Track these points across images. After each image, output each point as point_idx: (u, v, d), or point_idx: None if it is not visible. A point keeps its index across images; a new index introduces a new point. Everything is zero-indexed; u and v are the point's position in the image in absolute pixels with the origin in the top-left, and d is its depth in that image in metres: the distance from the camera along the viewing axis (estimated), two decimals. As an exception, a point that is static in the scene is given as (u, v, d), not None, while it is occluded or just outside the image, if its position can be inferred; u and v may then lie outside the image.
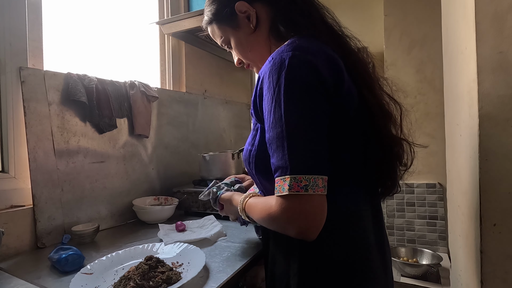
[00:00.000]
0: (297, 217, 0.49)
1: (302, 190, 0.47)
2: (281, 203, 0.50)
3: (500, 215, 0.80)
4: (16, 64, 0.90)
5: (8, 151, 0.91)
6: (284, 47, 0.54)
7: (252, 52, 0.69)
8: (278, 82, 0.50)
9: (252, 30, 0.66)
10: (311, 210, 0.49)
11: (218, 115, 1.79)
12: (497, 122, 0.80)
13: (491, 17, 0.79)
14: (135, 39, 1.42)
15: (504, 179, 0.79)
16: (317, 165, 0.49)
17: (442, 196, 2.03)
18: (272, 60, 0.53)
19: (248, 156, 0.63)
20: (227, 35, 0.71)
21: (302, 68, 0.51)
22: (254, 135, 0.62)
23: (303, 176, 0.48)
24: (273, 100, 0.51)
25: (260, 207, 0.57)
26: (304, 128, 0.50)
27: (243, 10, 0.65)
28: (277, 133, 0.50)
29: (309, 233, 0.49)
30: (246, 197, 0.65)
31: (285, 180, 0.48)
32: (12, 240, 0.84)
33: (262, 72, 0.55)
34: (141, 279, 0.60)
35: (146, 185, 1.26)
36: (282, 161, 0.49)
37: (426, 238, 2.05)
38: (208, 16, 0.71)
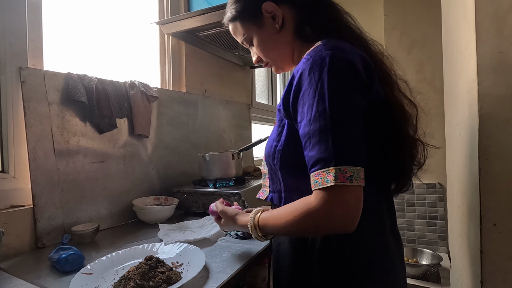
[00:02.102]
0: (343, 208, 0.49)
1: (347, 181, 0.48)
2: (324, 196, 0.50)
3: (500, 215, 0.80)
4: (16, 64, 0.90)
5: (8, 151, 0.91)
6: (320, 47, 0.56)
7: (274, 51, 0.71)
8: (320, 78, 0.52)
9: (277, 30, 0.68)
10: (355, 201, 0.50)
11: (218, 115, 1.79)
12: (497, 122, 0.80)
13: (491, 17, 0.79)
14: (135, 39, 1.42)
15: (504, 179, 0.79)
16: (360, 157, 0.51)
17: (442, 196, 2.03)
18: (311, 58, 0.55)
19: (272, 151, 0.64)
20: (250, 33, 0.71)
21: (343, 65, 0.53)
22: (280, 131, 0.63)
23: (348, 167, 0.49)
24: (315, 95, 0.52)
25: (289, 210, 0.55)
26: (348, 121, 0.51)
27: (269, 10, 0.67)
28: (320, 126, 0.51)
29: (351, 225, 0.50)
30: (257, 212, 0.63)
31: (329, 172, 0.49)
32: (12, 240, 0.84)
33: (300, 70, 0.56)
34: (141, 279, 0.60)
35: (146, 185, 1.26)
36: (326, 153, 0.50)
37: (426, 238, 2.05)
38: (232, 13, 0.71)
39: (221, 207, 0.75)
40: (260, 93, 2.56)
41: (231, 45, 1.64)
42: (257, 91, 2.46)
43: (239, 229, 0.74)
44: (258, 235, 0.63)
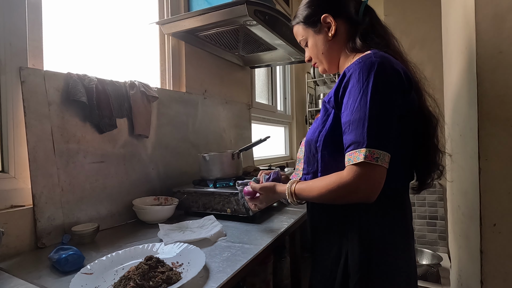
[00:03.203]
0: (368, 181, 0.62)
1: (374, 161, 0.61)
2: (355, 170, 0.62)
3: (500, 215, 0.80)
4: (16, 64, 0.90)
5: (8, 151, 0.91)
6: (371, 54, 0.68)
7: (324, 54, 0.84)
8: (367, 79, 0.64)
9: (329, 38, 0.81)
10: (378, 178, 0.62)
11: (218, 115, 1.79)
12: (497, 122, 0.80)
13: (491, 17, 0.79)
14: (135, 39, 1.42)
15: (504, 179, 0.79)
16: (387, 144, 0.63)
17: (442, 196, 2.03)
18: (362, 62, 0.67)
19: (316, 135, 0.75)
20: (307, 36, 0.86)
21: (388, 72, 0.65)
22: (325, 120, 0.75)
23: (376, 150, 0.61)
24: (360, 91, 0.64)
25: (324, 182, 0.68)
26: (382, 115, 0.63)
27: (326, 21, 0.80)
28: (360, 115, 0.63)
29: (373, 195, 0.63)
30: (293, 183, 0.77)
31: (361, 152, 0.61)
32: (12, 240, 0.84)
33: (350, 70, 0.68)
34: (141, 279, 0.60)
35: (146, 185, 1.26)
36: (360, 137, 0.62)
37: (426, 238, 2.05)
38: (299, 17, 0.85)
39: (258, 185, 0.89)
40: (260, 93, 2.56)
41: (231, 45, 1.64)
42: (257, 91, 2.46)
43: (278, 198, 0.89)
44: (294, 200, 0.78)
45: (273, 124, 2.78)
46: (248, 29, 1.41)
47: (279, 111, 2.89)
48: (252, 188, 0.91)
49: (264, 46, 1.67)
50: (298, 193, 0.76)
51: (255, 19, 1.27)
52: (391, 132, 0.64)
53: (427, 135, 0.77)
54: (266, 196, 0.89)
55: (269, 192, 0.87)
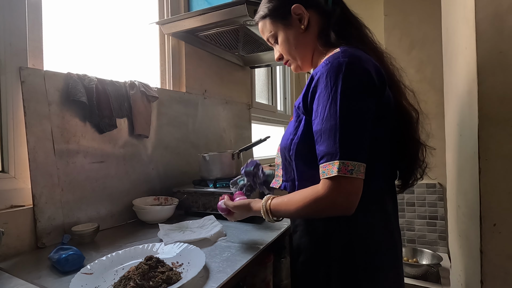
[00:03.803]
0: (343, 195, 0.59)
1: (348, 173, 0.58)
2: (329, 185, 0.59)
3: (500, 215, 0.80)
4: (16, 64, 0.90)
5: (8, 151, 0.91)
6: (339, 54, 0.63)
7: (297, 50, 0.78)
8: (335, 83, 0.60)
9: (302, 31, 0.75)
10: (354, 190, 0.59)
11: (218, 115, 1.79)
12: (497, 122, 0.80)
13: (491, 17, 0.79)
14: (135, 39, 1.42)
15: (504, 179, 0.79)
16: (361, 154, 0.59)
17: (442, 196, 2.03)
18: (330, 64, 0.62)
19: (289, 144, 0.72)
20: (277, 31, 0.79)
21: (357, 72, 0.61)
22: (297, 126, 0.71)
23: (350, 162, 0.58)
24: (329, 97, 0.60)
25: (299, 197, 0.65)
26: (354, 123, 0.60)
27: (297, 12, 0.74)
28: (331, 125, 0.59)
29: (351, 209, 0.60)
30: (268, 199, 0.74)
31: (334, 164, 0.58)
32: (12, 240, 0.84)
33: (318, 73, 0.63)
34: (141, 279, 0.60)
35: (146, 185, 1.26)
36: (333, 149, 0.59)
37: (426, 238, 2.05)
38: (264, 11, 0.79)
39: (231, 204, 0.84)
40: (260, 93, 2.56)
41: (231, 45, 1.64)
42: (257, 91, 2.46)
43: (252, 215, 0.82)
44: (270, 218, 0.73)
45: (273, 124, 2.78)
46: (248, 29, 1.41)
47: (279, 111, 2.89)
48: (225, 205, 0.86)
49: (264, 46, 1.67)
50: (274, 209, 0.71)
51: (255, 19, 1.27)
52: (364, 139, 0.61)
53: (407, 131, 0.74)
54: (240, 214, 0.84)
55: (243, 210, 0.82)
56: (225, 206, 0.86)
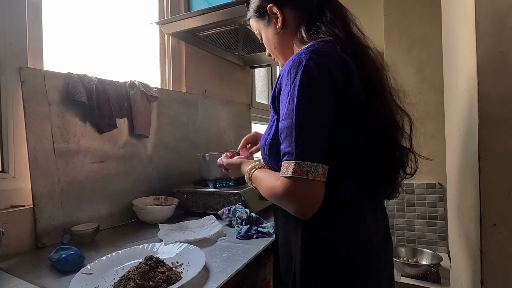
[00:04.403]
0: (296, 197, 0.57)
1: (303, 175, 0.54)
2: (285, 184, 0.57)
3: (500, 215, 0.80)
4: (16, 64, 0.90)
5: (8, 151, 0.91)
6: (303, 50, 0.60)
7: (276, 49, 0.78)
8: (294, 80, 0.58)
9: (278, 31, 0.74)
10: (309, 193, 0.56)
11: (218, 115, 1.79)
12: (497, 122, 0.80)
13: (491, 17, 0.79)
14: (135, 39, 1.42)
15: (504, 179, 0.79)
16: (319, 154, 0.56)
17: (442, 196, 2.03)
18: (292, 61, 0.60)
19: (263, 144, 0.71)
20: (260, 30, 0.80)
21: (316, 69, 0.57)
22: (271, 126, 0.70)
23: (306, 162, 0.55)
24: (288, 95, 0.58)
25: (265, 184, 0.65)
26: (311, 121, 0.56)
27: (273, 12, 0.73)
28: (288, 123, 0.57)
29: (306, 212, 0.57)
30: (253, 168, 0.74)
31: (290, 164, 0.56)
32: (12, 240, 0.84)
33: (282, 71, 0.62)
34: (141, 279, 0.60)
35: (146, 185, 1.26)
36: (290, 148, 0.56)
37: (426, 238, 2.05)
38: (251, 10, 0.80)
39: (226, 161, 0.88)
40: (260, 93, 2.56)
41: (231, 45, 1.64)
42: (257, 91, 2.46)
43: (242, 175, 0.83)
44: (251, 185, 0.75)
45: (273, 124, 2.78)
46: (248, 29, 1.41)
47: (279, 111, 2.89)
48: (222, 162, 0.92)
49: (264, 46, 1.66)
50: (252, 180, 0.73)
51: (255, 19, 1.27)
52: (322, 139, 0.57)
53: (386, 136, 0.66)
54: (233, 171, 0.88)
55: (235, 169, 0.86)
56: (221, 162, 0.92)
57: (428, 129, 1.93)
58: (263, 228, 0.95)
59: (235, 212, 1.03)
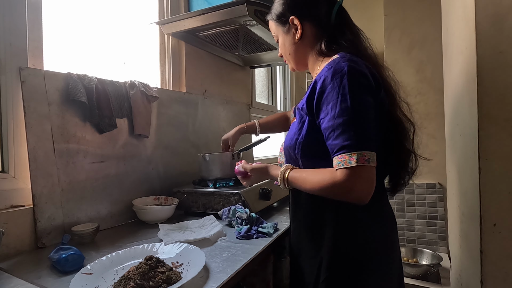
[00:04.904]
0: (361, 183, 0.63)
1: (366, 163, 0.62)
2: (347, 173, 0.62)
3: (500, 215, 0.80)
4: (16, 64, 0.90)
5: (8, 151, 0.91)
6: (338, 59, 0.69)
7: (291, 55, 0.85)
8: (341, 83, 0.65)
9: (296, 41, 0.81)
10: (371, 177, 0.64)
11: (218, 115, 1.79)
12: (497, 122, 0.80)
13: (491, 17, 0.79)
14: (135, 39, 1.42)
15: (504, 179, 0.79)
16: (374, 144, 0.65)
17: (442, 196, 2.03)
18: (332, 68, 0.68)
19: (294, 143, 0.76)
20: (278, 34, 0.87)
21: (358, 74, 0.66)
22: (301, 126, 0.75)
23: (366, 152, 0.63)
24: (338, 96, 0.65)
25: (315, 179, 0.69)
26: (365, 116, 0.65)
27: (294, 23, 0.80)
28: (344, 120, 0.64)
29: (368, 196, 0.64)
30: (286, 169, 0.77)
31: (352, 155, 0.62)
32: (12, 240, 0.84)
33: (322, 77, 0.69)
34: (141, 279, 0.60)
35: (146, 185, 1.26)
36: (349, 141, 0.63)
37: (426, 238, 2.05)
38: (272, 14, 0.86)
39: (249, 166, 0.91)
40: (260, 93, 2.56)
41: (231, 45, 1.64)
42: (257, 91, 2.46)
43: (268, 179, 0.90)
44: (285, 186, 0.78)
45: (273, 124, 2.77)
46: (248, 29, 1.41)
47: (279, 111, 2.89)
48: (243, 168, 0.92)
49: (264, 46, 1.67)
50: (291, 181, 0.76)
51: (255, 19, 1.27)
52: (374, 131, 0.66)
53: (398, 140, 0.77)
54: (257, 177, 0.91)
55: (261, 174, 0.89)
56: (243, 169, 0.92)
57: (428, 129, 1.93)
58: (263, 228, 0.95)
59: (234, 212, 1.03)
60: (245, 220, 0.99)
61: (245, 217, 0.99)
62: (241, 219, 1.00)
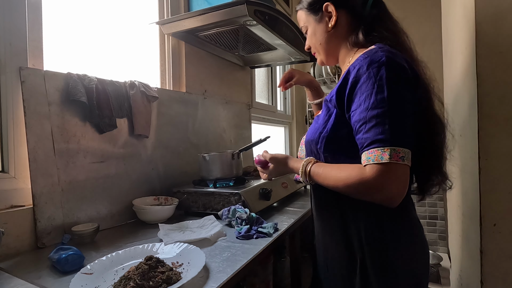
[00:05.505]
0: (393, 183, 0.57)
1: (400, 160, 0.57)
2: (379, 169, 0.57)
3: (500, 215, 0.80)
4: (16, 64, 0.90)
5: (8, 151, 0.91)
6: (376, 49, 0.65)
7: (322, 45, 0.80)
8: (379, 73, 0.60)
9: (329, 29, 0.76)
10: (404, 178, 0.58)
11: (218, 115, 1.79)
12: (497, 122, 0.80)
13: (491, 17, 0.79)
14: (135, 39, 1.42)
15: (504, 179, 0.79)
16: (410, 141, 0.59)
17: (442, 196, 2.03)
18: (368, 58, 0.63)
19: (317, 137, 0.71)
20: (308, 23, 0.82)
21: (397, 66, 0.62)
22: (327, 119, 0.71)
23: (401, 148, 0.57)
24: (374, 86, 0.60)
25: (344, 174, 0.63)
26: (402, 110, 0.60)
27: (328, 10, 0.76)
28: (378, 112, 0.59)
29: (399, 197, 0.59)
30: (309, 163, 0.73)
31: (385, 151, 0.57)
32: (12, 240, 0.84)
33: (357, 66, 0.64)
34: (141, 279, 0.60)
35: (146, 185, 1.26)
36: (382, 135, 0.58)
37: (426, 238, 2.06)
38: (303, 3, 0.82)
39: (268, 155, 0.87)
40: (260, 93, 2.56)
41: (231, 45, 1.64)
42: (257, 91, 2.46)
43: (287, 172, 0.85)
44: (306, 181, 0.73)
45: (273, 124, 2.78)
46: (248, 29, 1.41)
47: (279, 111, 2.89)
48: (263, 157, 0.89)
49: (264, 46, 1.67)
50: (312, 175, 0.71)
51: (255, 19, 1.27)
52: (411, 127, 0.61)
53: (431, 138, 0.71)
54: (275, 168, 0.86)
55: (279, 165, 0.85)
56: (263, 158, 0.89)
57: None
58: (263, 228, 0.95)
59: (234, 212, 1.03)
60: (245, 220, 0.99)
61: (245, 217, 0.99)
62: (241, 219, 1.00)
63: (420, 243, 0.73)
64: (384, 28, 0.72)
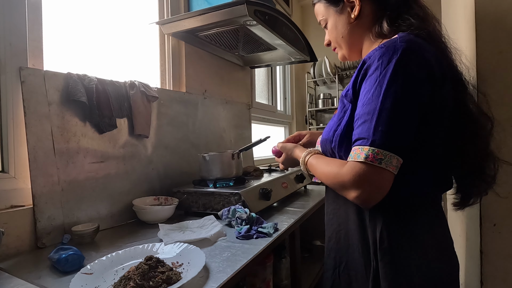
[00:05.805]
0: (364, 184, 0.54)
1: (376, 162, 0.53)
2: (353, 168, 0.55)
3: (500, 215, 0.80)
4: (16, 64, 0.90)
5: (8, 151, 0.91)
6: (396, 39, 0.58)
7: (344, 38, 0.74)
8: (386, 66, 0.55)
9: (352, 20, 0.71)
10: (378, 181, 0.54)
11: (218, 115, 1.79)
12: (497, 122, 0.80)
13: (491, 17, 0.79)
14: (135, 39, 1.42)
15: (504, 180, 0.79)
16: (396, 145, 0.54)
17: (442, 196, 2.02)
18: (385, 47, 0.57)
19: (331, 136, 0.67)
20: (328, 16, 0.76)
21: (413, 59, 0.55)
22: (342, 116, 0.66)
23: (381, 150, 0.53)
24: (376, 80, 0.56)
25: (325, 169, 0.64)
26: (396, 110, 0.54)
27: (350, 0, 0.70)
28: (370, 109, 0.55)
29: (368, 201, 0.56)
30: (308, 153, 0.73)
31: (363, 150, 0.54)
32: (12, 240, 0.84)
33: (371, 56, 0.59)
34: (141, 279, 0.60)
35: (146, 185, 1.26)
36: (366, 133, 0.55)
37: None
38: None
39: (281, 143, 0.90)
40: (260, 93, 2.56)
41: (231, 45, 1.64)
42: (257, 91, 2.46)
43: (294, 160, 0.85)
44: (306, 172, 0.74)
45: (273, 124, 2.78)
46: (248, 29, 1.41)
47: (279, 111, 2.89)
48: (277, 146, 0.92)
49: (264, 46, 1.67)
50: (308, 167, 0.72)
51: (255, 19, 1.27)
52: (405, 132, 0.55)
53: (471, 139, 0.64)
54: (286, 157, 0.87)
55: (288, 152, 0.85)
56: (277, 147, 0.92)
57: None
58: (263, 228, 0.95)
59: (234, 212, 1.03)
60: (245, 220, 0.99)
61: (245, 217, 0.99)
62: (241, 219, 1.00)
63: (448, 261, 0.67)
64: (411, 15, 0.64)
